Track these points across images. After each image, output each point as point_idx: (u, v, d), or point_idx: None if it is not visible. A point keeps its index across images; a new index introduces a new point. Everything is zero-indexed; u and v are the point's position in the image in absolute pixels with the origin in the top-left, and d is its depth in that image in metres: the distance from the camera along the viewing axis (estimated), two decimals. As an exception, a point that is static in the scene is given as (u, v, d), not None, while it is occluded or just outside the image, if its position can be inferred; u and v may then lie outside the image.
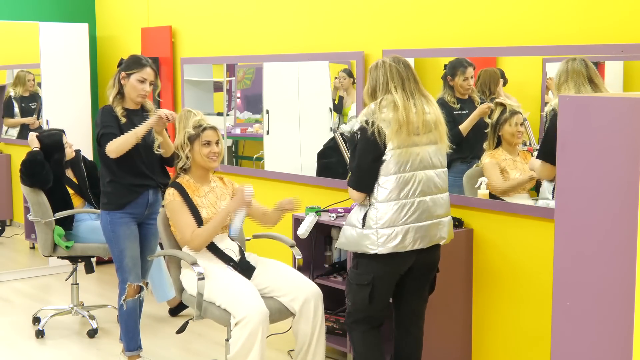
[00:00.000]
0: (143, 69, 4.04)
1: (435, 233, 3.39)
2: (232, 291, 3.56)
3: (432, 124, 3.34)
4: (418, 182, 3.32)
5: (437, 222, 3.39)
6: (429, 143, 3.35)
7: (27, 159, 4.88)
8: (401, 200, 3.30)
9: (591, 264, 2.45)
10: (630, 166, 2.30)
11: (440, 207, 3.40)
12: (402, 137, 3.26)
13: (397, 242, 3.30)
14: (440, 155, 3.41)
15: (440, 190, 3.40)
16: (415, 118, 3.29)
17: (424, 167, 3.34)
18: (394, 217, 3.30)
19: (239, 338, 3.44)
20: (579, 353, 2.50)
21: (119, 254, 4.11)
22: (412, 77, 3.35)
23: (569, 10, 3.66)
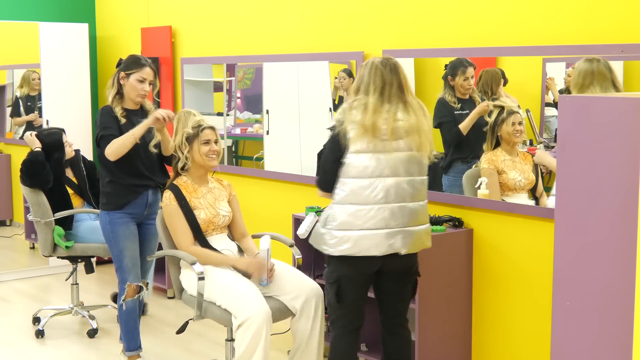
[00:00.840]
0: (142, 68, 4.04)
1: (394, 242, 3.25)
2: (233, 291, 3.56)
3: (404, 131, 3.23)
4: (381, 189, 3.22)
5: (399, 230, 3.25)
6: (398, 150, 3.24)
7: (27, 159, 4.88)
8: (358, 206, 3.24)
9: (591, 264, 2.45)
10: (630, 166, 2.30)
11: (407, 217, 3.26)
12: (365, 141, 3.20)
13: (347, 246, 3.26)
14: (416, 163, 3.28)
15: (413, 198, 3.28)
16: (383, 124, 3.21)
17: (390, 174, 3.23)
18: (348, 221, 3.25)
19: (244, 339, 3.43)
20: (579, 353, 2.50)
21: (119, 254, 4.11)
22: (395, 82, 3.25)
23: (569, 10, 3.66)
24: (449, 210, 4.18)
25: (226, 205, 3.93)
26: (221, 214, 3.86)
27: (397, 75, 3.27)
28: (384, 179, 3.23)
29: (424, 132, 3.27)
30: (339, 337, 3.44)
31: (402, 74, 3.29)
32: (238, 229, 3.99)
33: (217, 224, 3.85)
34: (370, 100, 3.21)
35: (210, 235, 3.84)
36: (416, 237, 3.32)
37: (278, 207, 5.26)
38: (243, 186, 5.45)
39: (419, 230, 3.33)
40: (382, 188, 3.22)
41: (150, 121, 3.89)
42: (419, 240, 3.33)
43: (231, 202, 3.98)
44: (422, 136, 3.27)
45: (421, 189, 3.33)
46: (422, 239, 3.36)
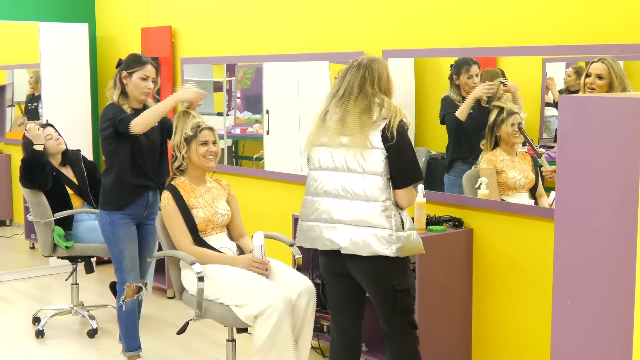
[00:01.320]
0: (144, 66, 4.05)
1: (330, 237, 3.18)
2: (244, 284, 3.55)
3: (347, 127, 3.15)
4: (324, 181, 3.22)
5: (334, 226, 3.18)
6: (342, 146, 3.17)
7: (27, 159, 4.86)
8: (308, 197, 3.29)
9: (591, 264, 2.45)
10: (630, 166, 2.30)
11: (345, 213, 3.15)
12: (311, 136, 3.29)
13: (299, 237, 3.32)
14: (361, 159, 3.13)
15: (354, 196, 3.14)
16: (330, 119, 3.21)
17: (334, 168, 3.20)
18: (302, 212, 3.32)
19: (265, 330, 3.42)
20: (579, 353, 2.50)
21: (119, 255, 4.11)
22: (358, 80, 3.16)
23: (569, 10, 3.66)
24: (449, 210, 4.19)
25: (225, 204, 3.93)
26: (219, 213, 3.86)
27: (361, 73, 3.19)
28: (330, 172, 3.26)
29: (358, 128, 3.15)
30: (331, 340, 3.42)
31: (369, 72, 3.18)
32: (236, 229, 3.99)
33: (215, 223, 3.85)
34: (328, 98, 3.32)
35: (209, 234, 3.84)
36: (357, 238, 3.16)
37: (278, 207, 5.26)
38: (243, 186, 5.45)
39: (368, 232, 3.14)
40: (326, 181, 3.27)
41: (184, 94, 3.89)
42: (363, 242, 3.15)
43: (230, 202, 3.98)
44: (358, 133, 3.15)
45: (369, 187, 3.16)
46: (365, 241, 3.14)
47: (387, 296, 3.20)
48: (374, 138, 3.10)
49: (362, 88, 3.16)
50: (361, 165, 3.12)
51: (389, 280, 3.17)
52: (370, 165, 3.11)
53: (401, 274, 3.19)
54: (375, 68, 3.18)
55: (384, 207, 3.10)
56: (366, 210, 3.11)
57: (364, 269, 3.17)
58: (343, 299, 3.34)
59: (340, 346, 3.37)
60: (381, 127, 3.10)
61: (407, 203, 3.17)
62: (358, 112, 3.13)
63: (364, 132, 3.10)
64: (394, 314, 3.23)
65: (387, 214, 3.10)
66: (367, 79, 3.16)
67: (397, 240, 3.09)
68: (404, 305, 3.22)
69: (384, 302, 3.22)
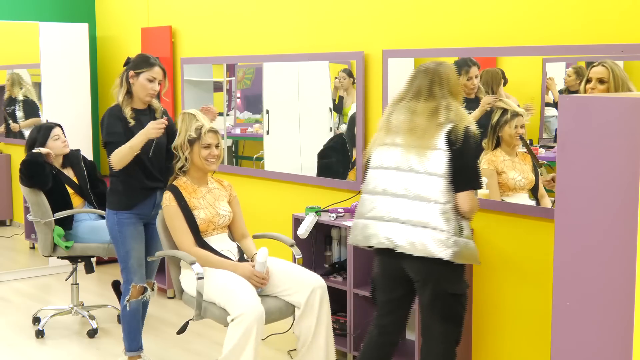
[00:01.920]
0: (152, 68, 4.04)
1: (387, 236, 3.20)
2: (229, 290, 3.57)
3: (414, 127, 3.18)
4: (383, 180, 3.25)
5: (392, 225, 3.19)
6: (405, 146, 3.20)
7: (27, 159, 4.86)
8: (366, 195, 3.32)
9: (591, 264, 2.45)
10: (630, 166, 2.30)
11: (404, 212, 3.16)
12: (376, 137, 3.34)
13: (352, 234, 3.37)
14: (425, 159, 3.15)
15: (414, 196, 3.15)
16: (395, 120, 3.25)
17: (396, 168, 3.22)
18: (358, 209, 3.35)
19: (234, 336, 3.44)
20: (579, 353, 2.50)
21: (125, 255, 4.10)
22: (426, 83, 3.22)
23: (569, 10, 3.66)
24: (449, 210, 4.18)
25: (226, 205, 3.93)
26: (221, 214, 3.86)
27: (427, 75, 3.26)
28: (390, 171, 3.30)
29: (421, 129, 3.19)
30: (370, 335, 3.45)
31: (435, 74, 3.25)
32: (238, 230, 3.99)
33: (217, 224, 3.85)
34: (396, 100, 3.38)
35: (210, 235, 3.84)
36: (416, 238, 3.17)
37: (278, 207, 5.26)
38: (243, 186, 5.45)
39: (424, 232, 3.15)
40: (386, 179, 3.31)
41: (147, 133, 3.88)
42: (420, 242, 3.15)
43: (232, 202, 3.98)
44: (421, 135, 3.19)
45: (430, 188, 3.19)
46: (421, 241, 3.15)
47: (437, 299, 3.20)
48: (439, 140, 3.13)
49: (431, 91, 3.21)
50: (424, 166, 3.14)
51: (442, 283, 3.17)
52: (433, 167, 3.12)
53: (454, 280, 3.20)
54: (443, 72, 3.24)
55: (444, 209, 3.10)
56: (425, 211, 3.11)
57: (419, 269, 3.19)
58: (392, 303, 3.37)
59: (379, 344, 3.40)
60: (446, 130, 3.13)
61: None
62: (426, 113, 3.17)
63: (430, 133, 3.13)
64: (440, 320, 3.22)
65: (446, 216, 3.09)
66: (435, 82, 3.21)
67: (454, 245, 3.08)
68: (451, 312, 3.23)
69: (432, 305, 3.22)
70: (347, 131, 4.76)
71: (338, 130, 4.85)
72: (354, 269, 4.22)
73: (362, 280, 4.25)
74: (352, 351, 4.28)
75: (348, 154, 4.76)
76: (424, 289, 3.22)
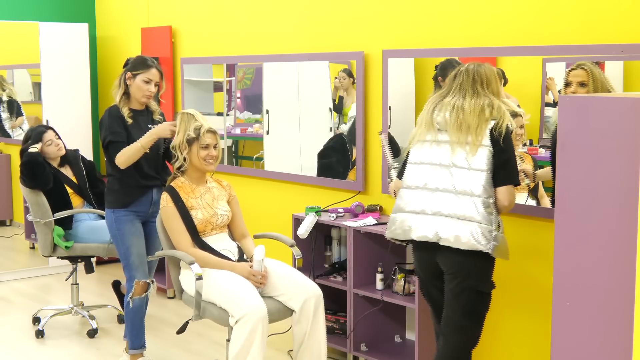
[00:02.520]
0: (149, 69, 4.07)
1: (429, 229, 3.25)
2: (230, 290, 3.57)
3: (460, 124, 3.26)
4: (424, 175, 3.32)
5: (434, 218, 3.25)
6: (447, 142, 3.29)
7: (26, 160, 4.86)
8: (406, 190, 3.37)
9: (591, 264, 2.45)
10: (630, 166, 2.30)
11: (447, 206, 3.23)
12: (416, 133, 3.40)
13: (391, 229, 3.40)
14: (470, 155, 3.23)
15: (458, 191, 3.23)
16: (437, 117, 3.32)
17: (439, 164, 3.30)
18: (397, 204, 3.39)
19: (240, 336, 3.44)
20: (579, 353, 2.50)
21: (125, 252, 4.11)
22: (469, 82, 3.31)
23: (569, 10, 3.65)
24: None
25: (225, 205, 3.93)
26: (219, 214, 3.86)
27: (470, 75, 3.34)
28: (432, 166, 3.36)
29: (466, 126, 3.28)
30: (437, 335, 3.50)
31: (476, 73, 3.33)
32: (238, 230, 4.00)
33: (215, 224, 3.85)
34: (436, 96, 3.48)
35: (208, 234, 3.85)
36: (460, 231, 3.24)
37: (278, 207, 5.26)
38: (243, 186, 5.45)
39: (468, 226, 3.22)
40: (429, 174, 3.37)
41: (160, 132, 3.93)
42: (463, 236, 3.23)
43: (231, 202, 3.98)
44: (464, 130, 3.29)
45: (470, 183, 3.27)
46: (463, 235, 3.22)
47: (462, 293, 3.27)
48: (485, 136, 3.22)
49: (475, 89, 3.29)
50: (469, 162, 3.23)
51: (471, 278, 3.26)
52: (478, 162, 3.21)
53: (483, 277, 3.30)
54: (483, 72, 3.33)
55: (487, 203, 3.20)
56: (470, 206, 3.20)
57: (453, 261, 3.26)
58: (439, 296, 3.42)
59: (438, 345, 3.43)
60: (490, 127, 3.22)
61: (509, 202, 3.25)
62: (474, 111, 3.25)
63: (477, 130, 3.22)
64: (461, 314, 3.30)
65: (489, 210, 3.20)
66: (477, 81, 3.31)
67: (495, 239, 3.19)
68: (474, 308, 3.31)
69: (457, 299, 3.29)
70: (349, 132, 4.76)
71: (338, 130, 4.85)
72: (354, 269, 4.22)
73: (362, 280, 4.25)
74: (352, 351, 4.28)
75: (348, 154, 4.77)
76: (452, 281, 3.30)
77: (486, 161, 3.21)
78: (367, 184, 4.66)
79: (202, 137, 3.82)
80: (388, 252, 4.21)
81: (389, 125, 4.45)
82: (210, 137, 3.85)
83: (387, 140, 4.28)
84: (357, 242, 4.22)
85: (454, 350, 3.34)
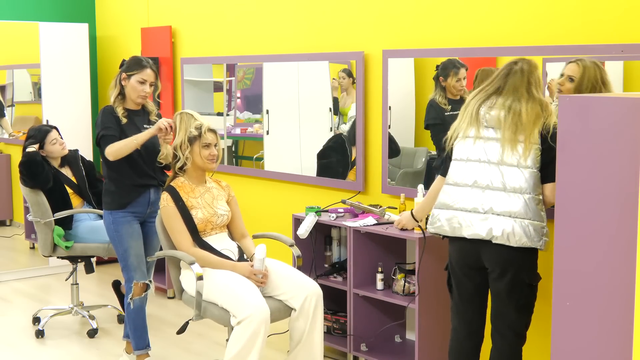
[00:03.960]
0: (143, 70, 4.06)
1: (481, 227, 3.26)
2: (233, 290, 3.56)
3: (515, 123, 3.26)
4: (472, 172, 3.32)
5: (486, 216, 3.26)
6: (496, 139, 3.29)
7: (25, 160, 4.86)
8: (452, 187, 3.37)
9: (591, 264, 2.45)
10: (630, 166, 2.30)
11: (499, 204, 3.24)
12: (459, 128, 3.40)
13: (434, 224, 3.41)
14: (517, 154, 3.25)
15: (508, 188, 3.24)
16: (487, 113, 3.32)
17: (487, 161, 3.30)
18: (441, 200, 3.40)
19: (241, 338, 3.44)
20: (579, 353, 2.50)
21: (124, 253, 4.11)
22: (524, 83, 3.30)
23: (569, 10, 3.65)
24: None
25: (224, 204, 3.93)
26: (219, 213, 3.86)
27: (515, 72, 3.34)
28: (479, 163, 3.37)
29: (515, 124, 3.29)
30: (453, 332, 3.53)
31: (520, 70, 3.33)
32: (238, 230, 4.00)
33: (215, 223, 3.85)
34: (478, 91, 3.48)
35: (208, 234, 3.84)
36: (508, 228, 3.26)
37: (278, 207, 5.26)
38: (243, 186, 5.45)
39: (511, 223, 3.25)
40: (476, 171, 3.38)
41: (154, 130, 3.91)
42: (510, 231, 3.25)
43: (230, 202, 3.98)
44: (513, 129, 3.29)
45: (519, 179, 3.29)
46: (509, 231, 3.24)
47: (514, 289, 3.30)
48: (536, 135, 3.24)
49: (530, 93, 3.29)
50: (519, 159, 3.25)
51: (521, 273, 3.29)
52: (529, 160, 3.24)
53: (532, 270, 3.34)
54: (536, 74, 3.34)
55: (537, 200, 3.23)
56: (522, 203, 3.22)
57: (500, 258, 3.27)
58: (468, 291, 3.44)
59: (463, 336, 3.48)
60: (540, 126, 3.25)
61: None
62: (532, 117, 3.25)
63: (530, 129, 3.23)
64: (515, 310, 3.34)
65: (540, 207, 3.24)
66: (532, 84, 3.31)
67: (547, 234, 3.25)
68: (527, 301, 3.36)
69: (510, 295, 3.31)
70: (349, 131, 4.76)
71: (338, 130, 4.85)
72: (354, 269, 4.22)
73: (362, 280, 4.25)
74: (352, 351, 4.28)
75: (347, 154, 4.77)
76: (502, 279, 3.31)
77: (537, 159, 3.24)
78: (367, 184, 4.66)
79: (204, 135, 3.82)
80: (389, 253, 4.21)
81: (389, 125, 4.45)
82: (212, 136, 3.86)
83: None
84: (357, 242, 4.22)
85: (512, 345, 3.40)
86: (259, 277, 3.69)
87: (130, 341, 4.30)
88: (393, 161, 4.47)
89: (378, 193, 4.58)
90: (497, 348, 3.41)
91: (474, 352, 3.51)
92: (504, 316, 3.36)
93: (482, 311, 3.48)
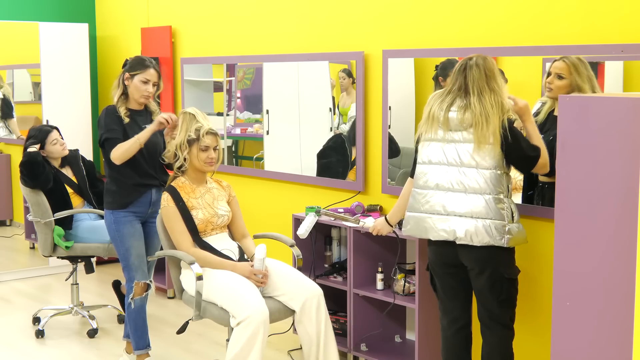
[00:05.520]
0: (146, 70, 4.07)
1: (444, 228, 3.33)
2: (232, 291, 3.56)
3: (469, 123, 3.29)
4: (435, 175, 3.37)
5: (448, 218, 3.33)
6: (454, 141, 3.33)
7: (26, 160, 4.86)
8: (418, 190, 3.43)
9: (591, 264, 2.45)
10: (630, 166, 2.30)
11: (460, 205, 3.30)
12: (422, 130, 3.44)
13: (407, 227, 3.48)
14: (477, 154, 3.28)
15: (468, 189, 3.29)
16: (449, 114, 3.33)
17: (447, 163, 3.34)
18: (411, 204, 3.47)
19: (240, 339, 3.44)
20: (579, 353, 2.50)
21: (125, 253, 4.11)
22: (481, 79, 3.31)
23: (569, 10, 3.66)
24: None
25: (225, 205, 3.93)
26: (219, 214, 3.86)
27: (477, 69, 3.34)
28: (441, 166, 3.41)
29: (478, 124, 3.30)
30: (442, 329, 3.59)
31: (485, 67, 3.33)
32: (238, 230, 4.00)
33: (215, 224, 3.85)
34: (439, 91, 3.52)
35: (209, 235, 3.85)
36: (473, 229, 3.32)
37: (278, 207, 5.26)
38: (243, 186, 5.46)
39: (475, 223, 3.31)
40: (438, 174, 3.42)
41: (155, 126, 3.92)
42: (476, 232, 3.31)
43: (231, 203, 3.98)
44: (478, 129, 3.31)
45: (479, 180, 3.33)
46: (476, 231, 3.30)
47: (494, 285, 3.36)
48: (491, 135, 3.26)
49: (490, 86, 3.31)
50: (475, 160, 3.30)
51: (499, 268, 3.35)
52: (485, 160, 3.29)
53: (509, 264, 3.40)
54: (491, 67, 3.35)
55: (497, 199, 3.28)
56: (481, 203, 3.28)
57: (476, 257, 3.34)
58: (453, 288, 3.50)
59: (452, 333, 3.55)
60: (497, 123, 3.27)
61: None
62: (485, 109, 3.27)
63: (483, 127, 3.26)
64: (498, 304, 3.40)
65: (500, 206, 3.28)
66: (489, 77, 3.33)
67: (509, 232, 3.29)
68: (508, 295, 3.41)
69: (491, 291, 3.37)
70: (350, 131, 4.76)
71: (338, 130, 4.85)
72: (354, 269, 4.22)
73: (362, 280, 4.25)
74: (352, 351, 4.28)
75: (347, 154, 4.77)
76: (480, 276, 3.37)
77: (495, 158, 3.27)
78: (367, 184, 4.66)
79: (202, 138, 3.82)
80: (389, 253, 4.21)
81: (389, 125, 4.45)
82: (210, 139, 3.85)
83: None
84: (357, 242, 4.22)
85: (502, 338, 3.45)
86: (259, 277, 3.69)
87: (130, 341, 4.31)
88: (393, 161, 4.47)
89: (378, 193, 4.58)
90: (487, 343, 3.47)
91: (463, 348, 3.56)
92: (488, 311, 3.43)
93: (467, 306, 3.55)
